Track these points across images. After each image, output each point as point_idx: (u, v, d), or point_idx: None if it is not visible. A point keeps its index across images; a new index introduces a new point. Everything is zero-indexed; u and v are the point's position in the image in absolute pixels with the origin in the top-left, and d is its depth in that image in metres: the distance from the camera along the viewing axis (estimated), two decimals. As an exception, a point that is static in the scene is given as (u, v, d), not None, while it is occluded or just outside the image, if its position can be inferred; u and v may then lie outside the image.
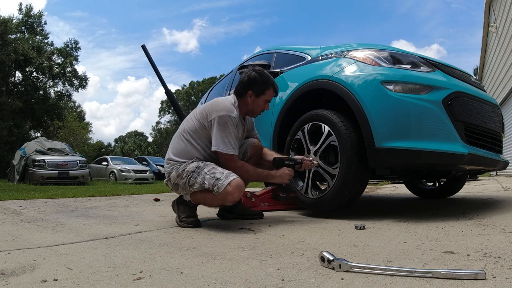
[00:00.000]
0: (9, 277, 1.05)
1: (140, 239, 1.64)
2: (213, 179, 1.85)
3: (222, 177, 1.84)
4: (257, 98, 2.08)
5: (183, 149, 2.01)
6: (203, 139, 2.00)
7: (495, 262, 1.08)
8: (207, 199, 1.93)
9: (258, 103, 2.10)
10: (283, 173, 2.05)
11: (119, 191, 5.95)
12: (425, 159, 1.99)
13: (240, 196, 1.92)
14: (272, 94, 2.13)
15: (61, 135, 22.44)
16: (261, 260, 1.20)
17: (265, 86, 2.08)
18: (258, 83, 2.07)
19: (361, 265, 1.03)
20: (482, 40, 13.79)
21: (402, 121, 2.01)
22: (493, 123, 2.40)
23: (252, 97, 2.07)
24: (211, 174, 1.87)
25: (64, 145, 12.20)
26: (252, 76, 2.08)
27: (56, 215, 2.64)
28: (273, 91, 2.12)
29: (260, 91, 2.07)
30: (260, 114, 2.17)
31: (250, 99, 2.08)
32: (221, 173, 1.87)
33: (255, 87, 2.07)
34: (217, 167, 1.92)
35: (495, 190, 4.33)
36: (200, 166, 1.93)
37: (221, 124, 1.92)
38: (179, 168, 1.97)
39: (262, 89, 2.08)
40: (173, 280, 1.00)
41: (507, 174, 9.56)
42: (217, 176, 1.85)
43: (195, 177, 1.90)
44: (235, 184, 1.81)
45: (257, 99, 2.08)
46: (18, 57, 21.01)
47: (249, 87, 2.07)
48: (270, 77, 2.12)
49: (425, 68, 2.15)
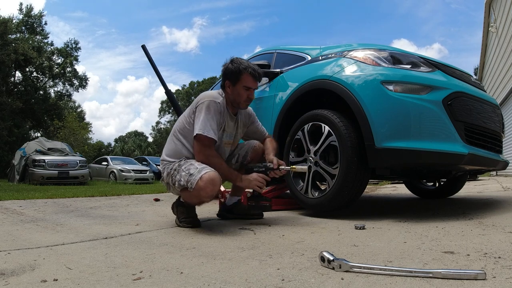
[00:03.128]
0: (9, 277, 1.05)
1: (140, 239, 1.64)
2: (187, 175, 1.79)
3: (195, 172, 1.77)
4: (234, 86, 2.01)
5: (173, 149, 2.01)
6: (191, 136, 1.96)
7: (495, 262, 1.08)
8: (187, 197, 1.90)
9: (237, 92, 2.01)
10: (251, 178, 1.94)
11: (119, 191, 5.94)
12: (425, 159, 1.99)
13: (215, 191, 1.78)
14: (250, 79, 2.01)
15: (61, 135, 22.43)
16: (261, 260, 1.20)
17: (238, 72, 1.99)
18: (230, 71, 2.01)
19: (361, 265, 1.03)
20: (482, 40, 13.79)
21: (402, 121, 2.01)
22: (493, 123, 2.40)
23: (230, 87, 2.02)
24: (186, 171, 1.82)
25: (64, 145, 12.19)
26: (225, 65, 2.05)
27: (56, 215, 2.64)
28: (249, 75, 2.00)
29: (234, 78, 2.00)
30: (246, 103, 2.06)
31: (229, 89, 2.02)
32: (195, 168, 1.80)
33: (229, 76, 2.02)
34: (195, 163, 1.86)
35: (495, 190, 4.33)
36: (181, 163, 1.90)
37: (204, 109, 1.90)
38: (169, 167, 1.96)
39: (236, 76, 2.00)
40: (173, 280, 1.00)
41: (507, 174, 9.56)
42: (191, 172, 1.79)
43: (175, 175, 1.87)
44: (206, 178, 1.73)
45: (235, 88, 2.01)
46: (18, 57, 20.99)
47: (224, 77, 2.04)
48: (244, 63, 2.02)
49: (425, 68, 2.15)
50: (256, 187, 1.95)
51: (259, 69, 2.05)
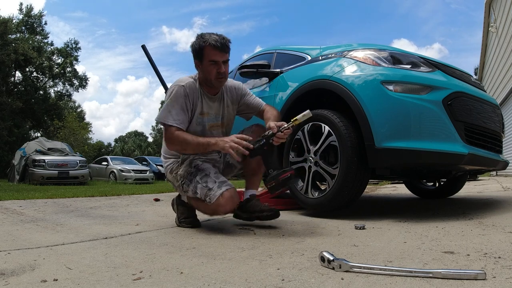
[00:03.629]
0: (9, 277, 1.05)
1: (140, 239, 1.64)
2: (205, 189, 1.76)
3: (214, 187, 1.74)
4: (201, 63, 1.84)
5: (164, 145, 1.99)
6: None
7: (495, 262, 1.08)
8: (200, 207, 1.86)
9: (205, 68, 1.83)
10: (226, 139, 1.72)
11: (119, 191, 5.94)
12: (425, 159, 1.99)
13: (234, 207, 1.81)
14: (214, 52, 1.79)
15: (61, 135, 22.43)
16: (261, 260, 1.20)
17: (200, 47, 1.81)
18: (194, 49, 1.85)
19: (361, 265, 1.03)
20: (482, 40, 13.79)
21: (402, 121, 2.01)
22: (493, 123, 2.40)
23: (199, 66, 1.86)
24: (203, 183, 1.78)
25: (64, 145, 12.20)
26: (191, 45, 1.89)
27: (56, 215, 2.64)
28: (211, 48, 1.79)
29: (199, 54, 1.83)
30: (219, 79, 1.85)
31: (199, 68, 1.87)
32: (213, 181, 1.77)
33: (194, 54, 1.86)
34: (209, 173, 1.81)
35: (495, 190, 4.33)
36: (192, 172, 1.84)
37: (167, 95, 1.85)
38: (166, 164, 1.98)
39: (200, 52, 1.82)
40: (173, 280, 1.00)
41: (507, 174, 9.56)
42: (210, 186, 1.76)
43: (188, 184, 1.83)
44: (227, 196, 1.72)
45: (202, 65, 1.84)
46: (18, 57, 20.99)
47: (193, 57, 1.88)
48: (206, 36, 1.82)
49: (425, 68, 2.15)
50: (230, 150, 1.68)
51: (224, 38, 1.82)
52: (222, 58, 1.82)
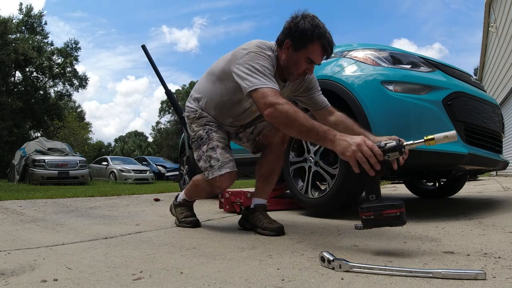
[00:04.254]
0: (9, 277, 1.05)
1: (140, 239, 1.64)
2: (207, 164, 1.73)
3: (215, 166, 1.71)
4: (295, 52, 1.54)
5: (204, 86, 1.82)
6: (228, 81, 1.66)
7: (495, 262, 1.08)
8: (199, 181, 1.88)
9: (295, 59, 1.55)
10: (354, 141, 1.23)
11: (119, 191, 5.95)
12: (425, 159, 1.99)
13: (229, 186, 1.77)
14: (319, 52, 1.54)
15: (61, 135, 22.44)
16: (261, 260, 1.20)
17: (309, 37, 1.50)
18: (299, 31, 1.51)
19: (361, 265, 1.03)
20: (482, 40, 13.80)
21: (402, 121, 2.01)
22: (493, 123, 2.40)
23: (289, 49, 1.56)
24: (207, 157, 1.74)
25: (64, 145, 12.22)
26: (294, 20, 1.55)
27: (56, 215, 2.64)
28: (320, 47, 1.52)
29: (300, 42, 1.52)
30: (299, 76, 1.62)
31: (286, 51, 1.57)
32: (217, 160, 1.71)
33: (294, 36, 1.52)
34: (216, 148, 1.73)
35: (495, 190, 4.33)
36: (202, 137, 1.77)
37: (252, 59, 1.50)
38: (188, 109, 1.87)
39: (303, 41, 1.51)
40: (173, 280, 1.00)
41: (507, 174, 9.56)
42: (212, 163, 1.72)
43: (196, 147, 1.80)
44: (224, 179, 1.70)
45: (295, 54, 1.55)
46: (18, 57, 21.01)
47: (287, 35, 1.55)
48: (321, 26, 1.52)
49: (425, 68, 2.15)
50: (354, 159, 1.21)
51: (333, 42, 1.57)
52: (319, 62, 1.59)
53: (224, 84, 1.72)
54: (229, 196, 2.71)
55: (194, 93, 1.89)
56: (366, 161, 1.20)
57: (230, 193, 2.72)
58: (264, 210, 1.81)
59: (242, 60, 1.53)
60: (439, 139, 1.19)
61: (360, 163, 1.20)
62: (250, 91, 1.45)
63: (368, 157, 1.20)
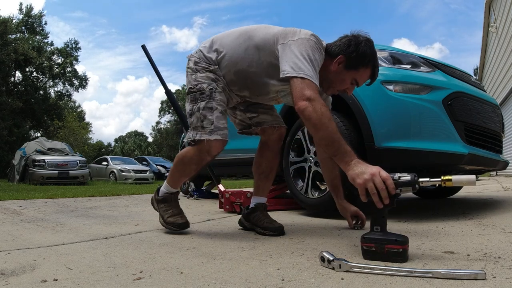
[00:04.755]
0: (9, 277, 1.05)
1: (140, 239, 1.64)
2: (199, 122, 1.58)
3: (207, 129, 1.56)
4: (344, 69, 1.51)
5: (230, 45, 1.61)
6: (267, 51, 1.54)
7: (495, 262, 1.08)
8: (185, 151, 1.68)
9: (343, 77, 1.52)
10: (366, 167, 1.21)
11: (119, 191, 5.95)
12: (425, 159, 1.99)
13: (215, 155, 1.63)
14: (366, 77, 1.54)
15: (61, 135, 22.47)
16: (261, 260, 1.20)
17: (364, 62, 1.49)
18: (358, 53, 1.48)
19: (361, 265, 1.03)
20: (482, 40, 13.81)
21: (402, 121, 2.01)
22: (493, 123, 2.40)
23: (340, 65, 1.50)
24: (201, 116, 1.57)
25: (64, 145, 12.22)
26: (355, 40, 1.50)
27: (56, 215, 2.64)
28: (370, 72, 1.53)
29: (354, 63, 1.49)
30: (334, 92, 1.60)
31: (335, 66, 1.51)
32: (210, 123, 1.56)
33: (350, 55, 1.48)
34: (214, 109, 1.57)
35: (495, 190, 4.33)
36: (203, 92, 1.59)
37: (305, 45, 1.42)
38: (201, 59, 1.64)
39: (357, 62, 1.49)
40: (173, 280, 1.00)
41: (507, 174, 9.56)
42: (204, 125, 1.57)
43: (192, 99, 1.61)
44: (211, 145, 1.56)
45: (344, 71, 1.51)
46: (18, 57, 21.02)
47: (343, 51, 1.49)
48: (376, 56, 1.54)
49: (425, 68, 2.15)
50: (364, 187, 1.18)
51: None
52: (361, 85, 1.58)
53: (258, 55, 1.57)
54: (229, 196, 2.71)
55: (216, 45, 1.66)
56: (376, 193, 1.16)
57: (230, 193, 2.72)
58: (264, 210, 1.80)
59: (297, 41, 1.44)
60: (457, 180, 1.14)
61: (370, 193, 1.16)
62: (294, 76, 1.37)
63: (380, 189, 1.15)
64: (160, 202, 1.83)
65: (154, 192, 1.88)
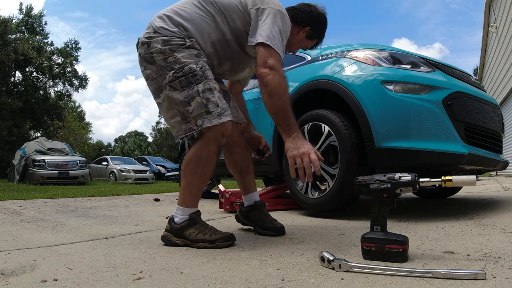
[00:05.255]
0: (9, 277, 1.05)
1: (140, 239, 1.64)
2: (203, 108, 1.38)
3: (214, 112, 1.38)
4: (306, 39, 1.70)
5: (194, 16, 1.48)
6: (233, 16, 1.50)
7: (495, 262, 1.08)
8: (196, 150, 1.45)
9: (301, 44, 1.72)
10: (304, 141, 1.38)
11: (119, 191, 5.95)
12: (425, 159, 1.99)
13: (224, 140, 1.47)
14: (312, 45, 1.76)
15: (61, 135, 22.45)
16: (261, 260, 1.20)
17: (322, 34, 1.73)
18: (324, 27, 1.71)
19: (361, 265, 1.03)
20: (482, 40, 13.80)
21: (402, 121, 2.01)
22: (493, 123, 2.40)
23: (304, 33, 1.68)
24: (204, 99, 1.38)
25: (64, 145, 12.22)
26: (322, 14, 1.70)
27: (56, 215, 2.64)
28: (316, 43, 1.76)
29: (315, 34, 1.71)
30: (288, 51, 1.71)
31: (301, 35, 1.69)
32: (215, 105, 1.39)
33: (315, 28, 1.69)
34: (213, 89, 1.41)
35: (495, 190, 4.33)
36: (196, 73, 1.40)
37: (278, 18, 1.46)
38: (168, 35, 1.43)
39: (318, 35, 1.72)
40: (173, 280, 1.00)
41: (507, 174, 9.56)
42: (210, 109, 1.38)
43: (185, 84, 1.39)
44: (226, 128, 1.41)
45: (304, 40, 1.70)
46: (18, 57, 21.01)
47: (312, 24, 1.68)
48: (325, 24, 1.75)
49: (425, 68, 2.15)
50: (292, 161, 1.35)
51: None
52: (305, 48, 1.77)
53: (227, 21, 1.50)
54: (229, 196, 2.71)
55: (176, 17, 1.49)
56: (302, 168, 1.30)
57: (230, 193, 2.72)
58: (264, 207, 1.77)
59: (270, 9, 1.45)
60: (457, 181, 1.13)
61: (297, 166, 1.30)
62: (262, 42, 1.39)
63: (306, 167, 1.30)
64: (186, 228, 1.44)
65: (166, 226, 1.50)
